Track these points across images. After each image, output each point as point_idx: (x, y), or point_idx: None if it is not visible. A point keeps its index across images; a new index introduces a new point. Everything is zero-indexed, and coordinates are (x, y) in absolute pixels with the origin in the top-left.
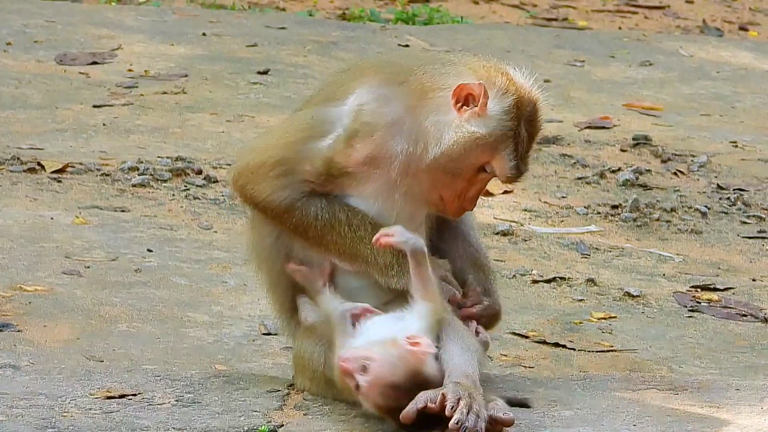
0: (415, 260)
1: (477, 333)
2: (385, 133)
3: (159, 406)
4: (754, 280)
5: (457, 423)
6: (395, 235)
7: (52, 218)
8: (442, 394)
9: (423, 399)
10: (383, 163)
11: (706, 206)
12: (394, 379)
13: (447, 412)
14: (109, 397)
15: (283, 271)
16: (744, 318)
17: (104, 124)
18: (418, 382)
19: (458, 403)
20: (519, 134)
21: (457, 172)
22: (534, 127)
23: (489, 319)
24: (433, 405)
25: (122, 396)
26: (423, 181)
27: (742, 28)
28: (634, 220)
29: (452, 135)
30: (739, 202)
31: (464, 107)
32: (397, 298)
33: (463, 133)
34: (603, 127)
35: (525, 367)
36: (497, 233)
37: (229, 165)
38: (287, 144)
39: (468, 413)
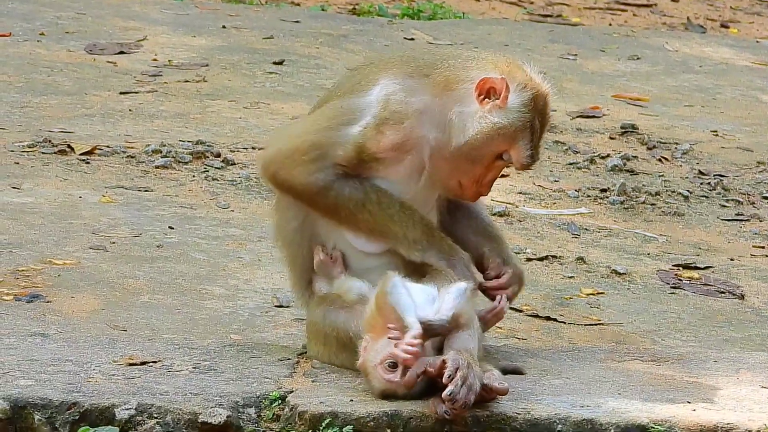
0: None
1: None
2: (414, 120)
3: (177, 373)
4: (732, 259)
5: (450, 394)
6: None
7: (80, 197)
8: (443, 360)
9: (423, 364)
10: (411, 149)
11: (688, 190)
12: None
13: (444, 380)
14: (131, 364)
15: (303, 250)
16: (722, 295)
17: (130, 110)
18: None
19: (456, 372)
20: (534, 125)
21: (477, 159)
22: (545, 118)
23: (516, 286)
24: (432, 370)
25: (143, 363)
26: (445, 168)
27: (724, 26)
28: (622, 203)
29: (475, 125)
30: (718, 187)
31: (486, 99)
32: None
33: (486, 124)
34: (593, 116)
35: (518, 338)
36: (494, 214)
37: (246, 149)
38: (319, 130)
39: (462, 385)
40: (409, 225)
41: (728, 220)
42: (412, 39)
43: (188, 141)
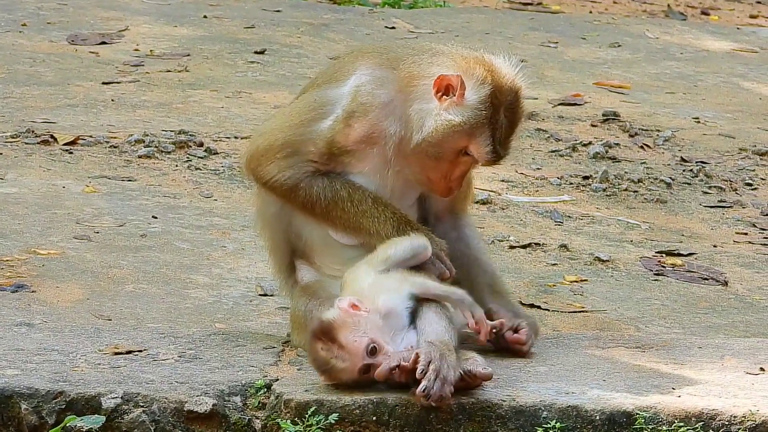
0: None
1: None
2: (378, 113)
3: (163, 362)
4: (715, 246)
5: (423, 390)
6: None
7: (63, 187)
8: (416, 354)
9: (397, 358)
10: (377, 142)
11: (670, 177)
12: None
13: (417, 376)
14: (116, 353)
15: (283, 236)
16: (705, 281)
17: (112, 100)
18: None
19: (428, 366)
20: (497, 121)
21: (439, 155)
22: (515, 114)
23: (533, 338)
24: (406, 363)
25: (129, 352)
26: (410, 163)
27: (704, 13)
28: (604, 190)
29: (432, 122)
30: (701, 174)
31: (444, 96)
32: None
33: (442, 121)
34: (575, 104)
35: None
36: (477, 202)
37: (228, 138)
38: (291, 126)
39: (435, 379)
40: (381, 220)
41: (711, 207)
42: (393, 28)
43: (171, 131)
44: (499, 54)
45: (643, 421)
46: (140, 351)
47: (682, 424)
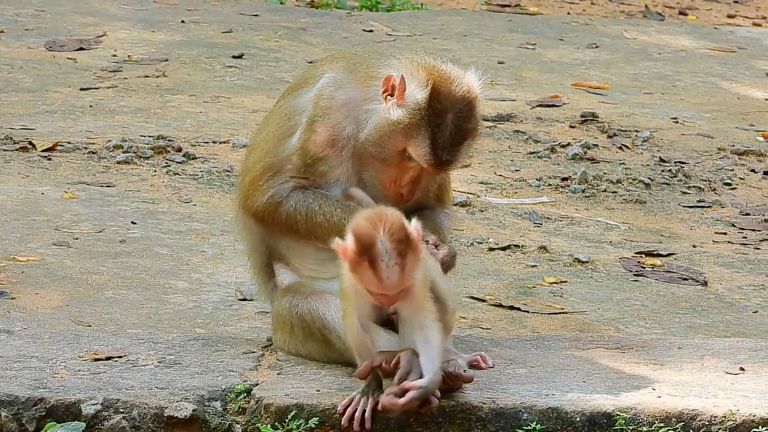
0: None
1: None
2: (337, 114)
3: (143, 367)
4: (694, 246)
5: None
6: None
7: (42, 193)
8: (398, 358)
9: (379, 359)
10: (339, 144)
11: (649, 178)
12: None
13: (395, 381)
14: (96, 359)
15: (261, 239)
16: (685, 281)
17: (91, 106)
18: None
19: (406, 376)
20: (440, 125)
21: (383, 156)
22: (465, 121)
23: (449, 258)
24: (387, 366)
25: (109, 358)
26: (367, 166)
27: (682, 13)
28: (583, 191)
29: (375, 120)
30: (679, 174)
31: (389, 97)
32: None
33: (382, 119)
34: (553, 105)
35: (482, 328)
36: (456, 204)
37: (207, 143)
38: (268, 152)
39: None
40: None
41: (690, 207)
42: (371, 31)
43: (149, 136)
44: (468, 68)
45: (623, 422)
46: (120, 357)
47: (662, 424)
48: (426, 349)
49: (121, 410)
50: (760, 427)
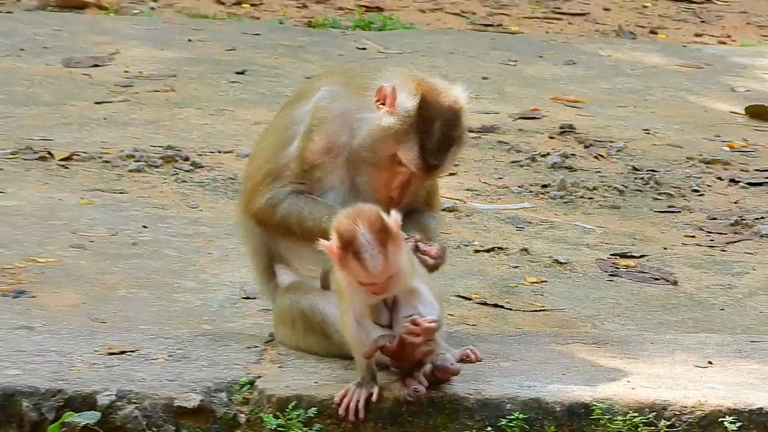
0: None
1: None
2: (333, 124)
3: (154, 361)
4: (665, 248)
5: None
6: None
7: (60, 200)
8: (401, 338)
9: (383, 340)
10: (334, 151)
11: (623, 185)
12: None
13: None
14: (110, 354)
15: (263, 241)
16: (657, 281)
17: (105, 118)
18: None
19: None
20: (428, 132)
21: (375, 161)
22: (452, 129)
23: (440, 255)
24: (391, 344)
25: (122, 352)
26: (361, 171)
27: (653, 32)
28: (562, 197)
29: (368, 127)
30: (651, 182)
31: (381, 105)
32: None
33: (375, 126)
34: (533, 118)
35: (468, 325)
36: (443, 210)
37: (213, 152)
38: (268, 160)
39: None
40: None
41: (661, 212)
42: (364, 48)
43: (159, 146)
44: (455, 80)
45: (600, 411)
46: (132, 351)
47: (636, 414)
48: (423, 299)
49: (134, 401)
50: (726, 416)
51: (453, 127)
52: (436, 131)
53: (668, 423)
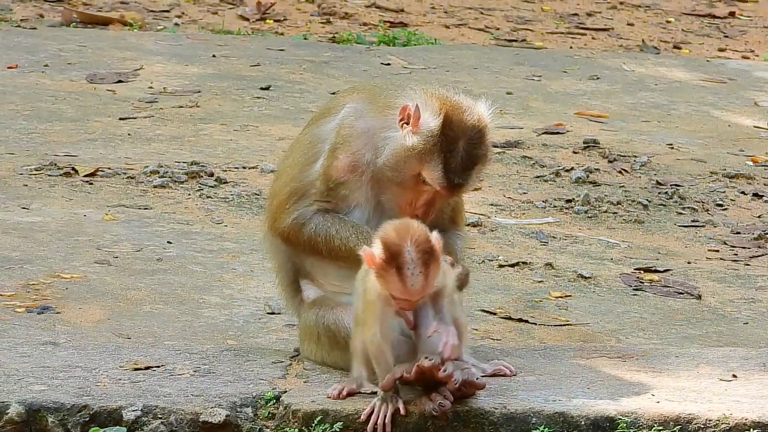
0: None
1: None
2: (358, 142)
3: (179, 376)
4: (689, 262)
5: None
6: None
7: (84, 215)
8: (417, 367)
9: (400, 371)
10: (359, 169)
11: (647, 200)
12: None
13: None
14: (136, 369)
15: (288, 257)
16: (681, 295)
17: (129, 134)
18: None
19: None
20: (452, 150)
21: (399, 180)
22: (476, 148)
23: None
24: (408, 375)
25: (147, 368)
26: (385, 190)
27: (676, 47)
28: (586, 212)
29: (392, 147)
30: (675, 196)
31: (405, 124)
32: None
33: (399, 145)
34: (557, 133)
35: (493, 339)
36: (468, 224)
37: (237, 168)
38: (294, 177)
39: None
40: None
41: (685, 227)
42: (389, 64)
43: (183, 162)
44: (479, 98)
45: (624, 425)
46: (158, 366)
47: (660, 427)
48: (444, 317)
49: (160, 416)
50: (751, 429)
51: (477, 146)
52: (460, 150)
53: None
